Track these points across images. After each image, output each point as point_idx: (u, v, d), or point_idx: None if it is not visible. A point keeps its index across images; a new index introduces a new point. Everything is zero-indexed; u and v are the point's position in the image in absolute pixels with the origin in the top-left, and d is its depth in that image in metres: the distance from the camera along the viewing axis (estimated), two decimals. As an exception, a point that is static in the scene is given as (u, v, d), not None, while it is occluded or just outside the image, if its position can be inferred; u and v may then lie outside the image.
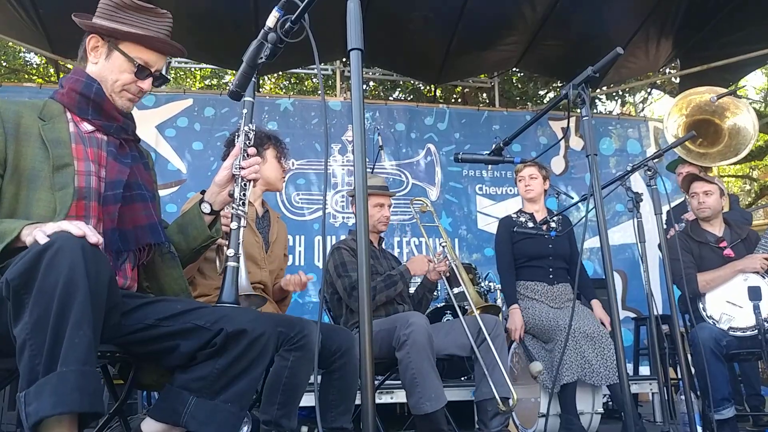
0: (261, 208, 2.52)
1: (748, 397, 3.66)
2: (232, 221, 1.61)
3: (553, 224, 3.39)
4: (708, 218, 3.50)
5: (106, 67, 1.60)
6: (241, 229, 1.60)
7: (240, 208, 1.62)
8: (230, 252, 1.56)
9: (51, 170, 1.45)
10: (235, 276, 1.55)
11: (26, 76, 8.52)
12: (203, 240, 1.69)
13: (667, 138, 3.86)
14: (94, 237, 1.23)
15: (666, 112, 3.67)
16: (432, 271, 2.93)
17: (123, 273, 1.55)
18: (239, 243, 1.58)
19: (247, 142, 1.68)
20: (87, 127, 1.57)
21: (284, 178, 2.56)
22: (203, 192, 1.74)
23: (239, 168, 1.64)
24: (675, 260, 3.12)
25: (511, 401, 2.55)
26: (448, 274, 3.00)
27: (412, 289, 3.26)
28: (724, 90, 3.59)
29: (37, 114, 1.52)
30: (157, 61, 1.64)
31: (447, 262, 2.95)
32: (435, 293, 3.24)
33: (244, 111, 1.68)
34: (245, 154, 1.67)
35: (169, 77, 1.68)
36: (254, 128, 1.71)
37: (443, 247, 3.05)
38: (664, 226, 3.38)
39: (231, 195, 1.65)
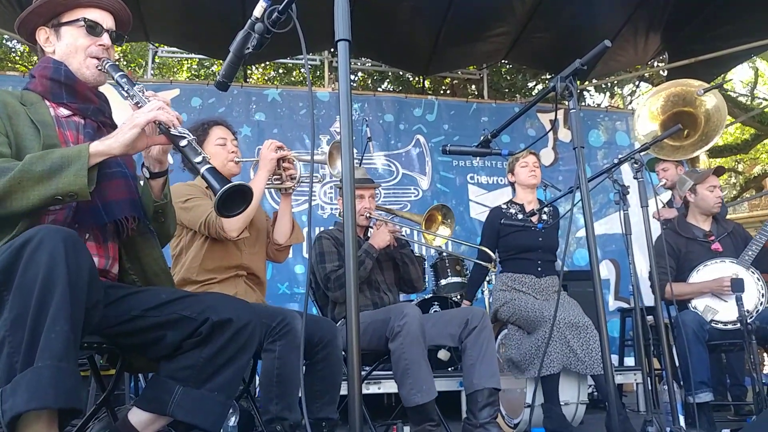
0: None
1: (732, 387, 3.72)
2: (181, 140, 1.45)
3: (544, 216, 3.38)
4: (718, 212, 3.54)
5: (63, 45, 1.58)
6: (193, 142, 1.45)
7: (178, 128, 1.46)
8: (198, 159, 1.42)
9: (40, 150, 1.42)
10: (215, 172, 1.41)
11: (9, 65, 8.38)
12: (157, 207, 1.61)
13: (636, 142, 3.70)
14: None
15: (636, 115, 3.58)
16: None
17: (105, 252, 1.53)
18: (198, 151, 1.44)
19: (140, 90, 1.51)
20: (63, 112, 1.57)
21: (233, 160, 2.40)
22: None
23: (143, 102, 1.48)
24: (660, 257, 3.15)
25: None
26: (396, 232, 2.90)
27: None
28: (697, 82, 3.51)
29: (18, 100, 1.51)
30: (103, 17, 1.60)
31: (384, 223, 2.88)
32: (409, 247, 3.14)
33: (117, 75, 1.54)
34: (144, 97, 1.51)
35: (124, 35, 1.69)
36: (126, 75, 1.55)
37: (367, 216, 2.97)
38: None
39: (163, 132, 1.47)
